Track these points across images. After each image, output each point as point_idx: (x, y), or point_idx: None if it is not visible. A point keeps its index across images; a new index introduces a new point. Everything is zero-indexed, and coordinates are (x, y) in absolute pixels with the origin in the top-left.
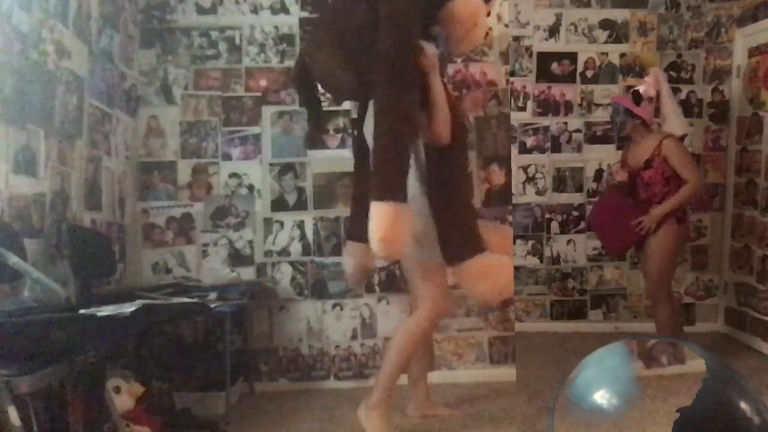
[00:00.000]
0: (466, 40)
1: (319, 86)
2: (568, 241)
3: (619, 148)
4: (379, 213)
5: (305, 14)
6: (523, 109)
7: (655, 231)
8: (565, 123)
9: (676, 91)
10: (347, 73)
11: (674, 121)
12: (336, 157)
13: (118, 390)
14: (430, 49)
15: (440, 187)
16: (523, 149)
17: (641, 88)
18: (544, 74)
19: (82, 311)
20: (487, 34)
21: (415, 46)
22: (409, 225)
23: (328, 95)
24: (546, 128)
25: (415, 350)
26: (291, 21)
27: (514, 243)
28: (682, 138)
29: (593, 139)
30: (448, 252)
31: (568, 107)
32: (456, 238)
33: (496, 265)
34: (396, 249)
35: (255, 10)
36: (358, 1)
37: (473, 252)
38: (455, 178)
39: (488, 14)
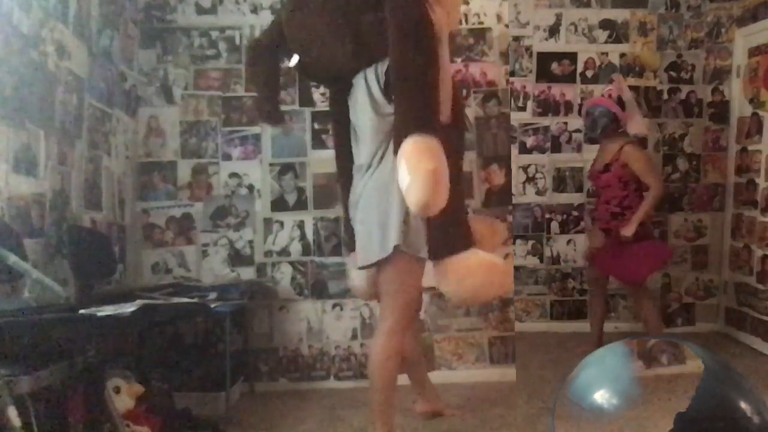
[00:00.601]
0: (447, 23)
1: (294, 60)
2: (568, 241)
3: None
4: (423, 148)
5: None
6: (523, 109)
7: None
8: (565, 123)
9: (676, 91)
10: (341, 38)
11: (637, 122)
12: None
13: (118, 390)
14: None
15: None
16: (523, 149)
17: (613, 94)
18: (544, 74)
19: (82, 311)
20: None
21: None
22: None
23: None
24: (546, 128)
25: (396, 366)
26: None
27: (514, 243)
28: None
29: (593, 139)
30: (433, 246)
31: (568, 107)
32: (444, 231)
33: (482, 264)
34: (442, 195)
35: (255, 10)
36: None
37: (460, 248)
38: (450, 169)
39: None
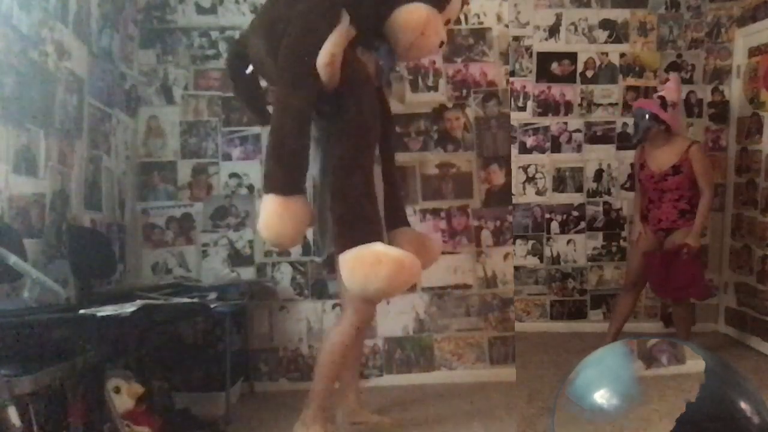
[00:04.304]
0: (413, 49)
1: (249, 69)
2: (568, 241)
3: (620, 148)
4: (264, 205)
5: None
6: (523, 109)
7: (670, 233)
8: (565, 123)
9: None
10: (273, 60)
11: (680, 124)
12: None
13: (118, 390)
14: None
15: (335, 168)
16: (523, 149)
17: (665, 94)
18: (544, 74)
19: (82, 311)
20: (442, 43)
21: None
22: (300, 219)
23: None
24: (546, 128)
25: (344, 359)
26: None
27: (514, 243)
28: None
29: (593, 139)
30: (334, 238)
31: (568, 107)
32: (343, 223)
33: (380, 257)
34: (284, 243)
35: (255, 10)
36: None
37: (360, 240)
38: (354, 158)
39: (447, 22)
